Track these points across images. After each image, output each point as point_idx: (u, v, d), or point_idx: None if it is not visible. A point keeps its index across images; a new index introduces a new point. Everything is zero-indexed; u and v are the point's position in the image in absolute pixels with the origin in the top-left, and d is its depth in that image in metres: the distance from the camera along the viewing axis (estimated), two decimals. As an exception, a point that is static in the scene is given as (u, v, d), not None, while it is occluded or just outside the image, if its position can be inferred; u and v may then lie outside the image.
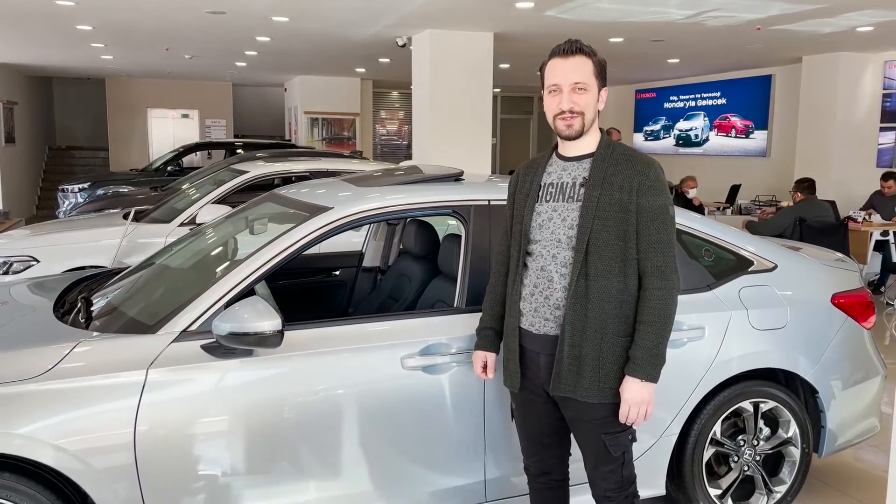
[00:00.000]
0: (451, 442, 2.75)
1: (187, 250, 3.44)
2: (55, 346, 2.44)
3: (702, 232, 3.28)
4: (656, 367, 2.24)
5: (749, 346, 3.13)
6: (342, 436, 2.61)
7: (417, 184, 3.10)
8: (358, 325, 2.77)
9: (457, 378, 2.73)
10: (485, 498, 2.84)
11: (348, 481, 2.64)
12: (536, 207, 2.36)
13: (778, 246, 3.54)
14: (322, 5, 7.11)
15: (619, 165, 2.27)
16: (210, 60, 12.31)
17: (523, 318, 2.38)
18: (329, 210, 2.80)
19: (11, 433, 2.24)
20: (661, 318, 2.24)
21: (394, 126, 18.17)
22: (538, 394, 2.41)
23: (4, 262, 5.38)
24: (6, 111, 13.18)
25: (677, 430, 3.06)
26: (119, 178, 11.59)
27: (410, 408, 2.69)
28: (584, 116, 2.26)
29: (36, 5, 7.28)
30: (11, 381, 2.30)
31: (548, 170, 2.38)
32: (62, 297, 3.13)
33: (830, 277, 3.47)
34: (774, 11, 7.15)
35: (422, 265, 3.57)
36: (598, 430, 2.32)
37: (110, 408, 2.35)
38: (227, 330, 2.39)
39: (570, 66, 2.26)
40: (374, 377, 2.66)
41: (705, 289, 3.17)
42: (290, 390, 2.55)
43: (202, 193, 6.29)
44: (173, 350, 2.46)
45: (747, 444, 3.21)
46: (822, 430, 3.35)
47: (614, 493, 2.37)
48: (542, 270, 2.32)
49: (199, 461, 2.45)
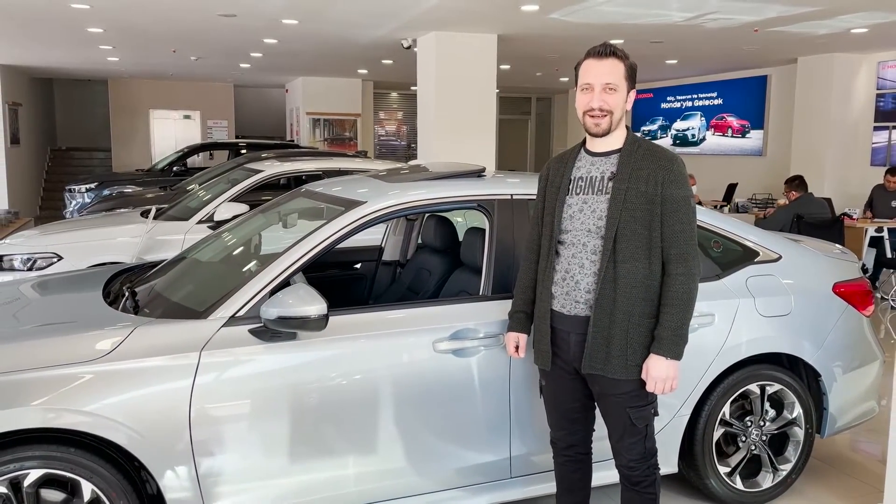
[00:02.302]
0: (479, 421, 2.93)
1: (222, 243, 3.62)
2: (115, 329, 2.62)
3: (711, 224, 3.47)
4: (680, 346, 2.43)
5: (756, 332, 3.32)
6: (378, 414, 2.79)
7: (443, 179, 3.28)
8: (393, 311, 2.96)
9: (484, 361, 2.91)
10: (510, 474, 3.02)
11: (383, 457, 2.82)
12: (567, 200, 2.54)
13: (782, 238, 3.74)
14: (333, 9, 7.29)
15: (645, 161, 2.45)
16: (215, 62, 12.47)
17: (555, 300, 2.56)
18: (363, 203, 2.98)
19: (80, 410, 2.41)
20: (684, 300, 2.43)
21: (392, 126, 18.36)
22: (568, 371, 2.59)
23: (28, 259, 5.55)
24: (11, 112, 13.31)
25: (689, 412, 3.25)
26: (125, 179, 11.73)
27: (441, 388, 2.87)
28: (612, 115, 2.45)
29: (51, 8, 7.43)
30: (78, 361, 2.47)
31: (577, 164, 2.57)
32: (106, 286, 3.30)
33: (831, 267, 3.66)
34: (772, 14, 7.36)
35: (441, 258, 3.75)
36: (624, 404, 2.50)
37: (167, 387, 2.53)
38: (276, 314, 2.56)
39: (603, 67, 2.45)
40: (408, 360, 2.84)
41: (714, 278, 3.36)
42: (331, 371, 2.73)
43: (217, 192, 6.45)
44: (223, 334, 2.63)
45: (754, 425, 3.40)
46: (824, 412, 3.54)
47: (637, 463, 2.56)
48: (574, 257, 2.51)
49: (247, 437, 2.63)
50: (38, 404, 2.39)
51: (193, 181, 8.59)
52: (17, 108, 13.80)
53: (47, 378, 2.43)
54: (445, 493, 2.94)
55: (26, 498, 2.43)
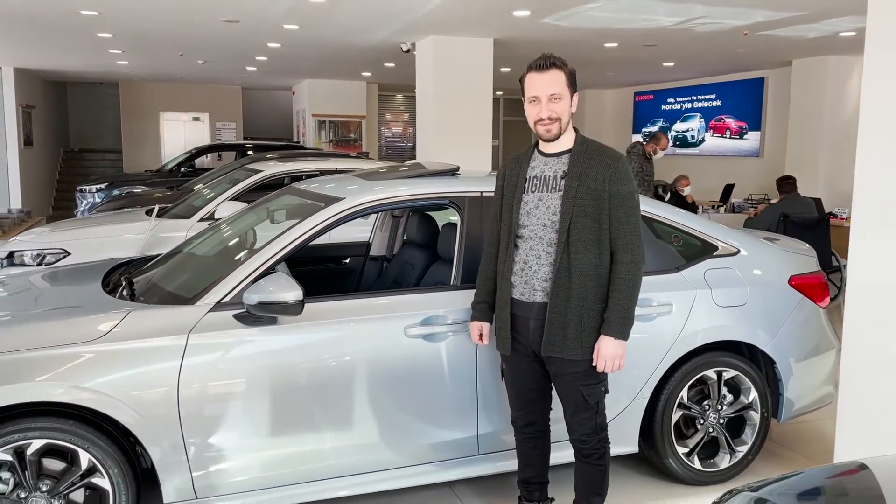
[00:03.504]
0: (448, 401, 3.17)
1: (214, 238, 3.87)
2: (110, 313, 2.87)
3: (671, 220, 3.69)
4: (627, 327, 2.66)
5: (712, 321, 3.53)
6: (353, 394, 3.03)
7: (418, 178, 3.52)
8: (367, 299, 3.20)
9: (453, 345, 3.15)
10: (477, 451, 3.26)
11: (359, 433, 3.06)
12: (524, 197, 2.77)
13: (741, 233, 3.95)
14: (332, 14, 7.54)
15: (593, 160, 2.68)
16: (222, 65, 12.76)
17: (514, 289, 2.79)
18: (341, 200, 3.22)
19: (79, 386, 2.66)
20: (630, 286, 2.66)
21: (398, 128, 18.62)
22: (527, 355, 2.82)
23: (38, 255, 5.83)
24: (24, 115, 13.65)
25: (648, 395, 3.47)
26: (134, 179, 12.04)
27: (412, 371, 3.10)
28: (561, 121, 2.68)
29: (62, 15, 7.73)
30: (77, 342, 2.73)
31: (531, 164, 2.80)
32: (106, 278, 3.56)
33: (788, 262, 3.87)
34: (759, 18, 7.55)
35: (424, 253, 3.98)
36: (577, 382, 2.73)
37: (158, 366, 2.78)
38: (257, 300, 2.81)
39: (546, 79, 2.68)
40: (381, 344, 3.07)
41: (674, 270, 3.58)
42: (308, 354, 2.97)
43: (219, 191, 6.72)
44: (209, 318, 2.88)
45: (712, 409, 3.61)
46: (780, 398, 3.75)
47: (588, 437, 2.79)
48: (531, 250, 2.74)
49: (230, 413, 2.87)
50: (41, 380, 2.64)
51: (199, 181, 8.86)
52: (31, 110, 14.15)
53: (50, 356, 2.69)
54: (418, 467, 3.18)
55: (29, 465, 2.68)
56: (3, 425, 2.64)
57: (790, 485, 2.00)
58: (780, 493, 1.92)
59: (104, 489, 2.77)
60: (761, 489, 1.92)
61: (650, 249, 3.54)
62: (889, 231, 2.98)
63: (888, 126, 2.99)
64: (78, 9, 7.40)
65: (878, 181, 3.02)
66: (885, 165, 3.00)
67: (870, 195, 3.06)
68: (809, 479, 2.03)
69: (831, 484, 2.01)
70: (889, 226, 2.98)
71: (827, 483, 2.02)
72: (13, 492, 2.70)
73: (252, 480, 2.94)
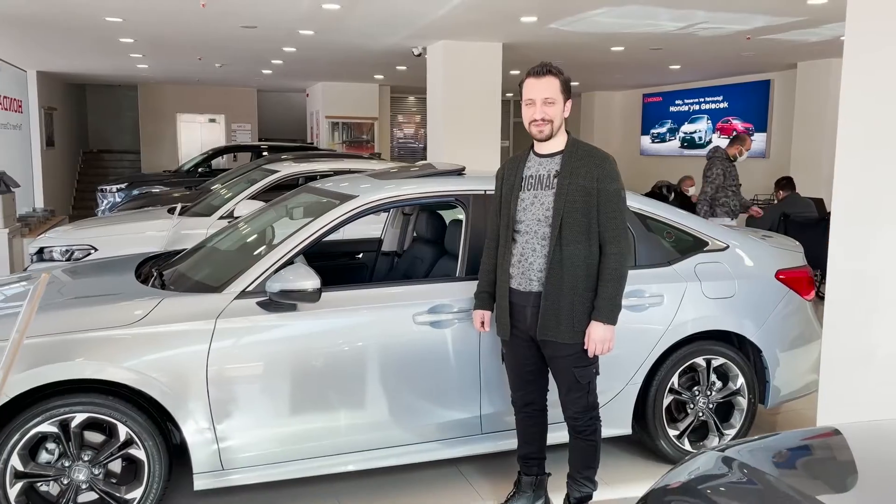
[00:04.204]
0: (453, 383, 3.43)
1: (237, 233, 4.15)
2: (146, 300, 3.15)
3: (665, 217, 3.94)
4: (615, 313, 2.92)
5: (701, 312, 3.77)
6: (365, 376, 3.29)
7: (426, 177, 3.78)
8: (379, 289, 3.48)
9: (458, 332, 3.40)
10: (480, 430, 3.51)
11: (370, 412, 3.32)
12: (520, 195, 3.03)
13: (731, 230, 4.20)
14: (346, 20, 7.82)
15: (583, 160, 2.94)
16: (238, 68, 13.08)
17: (513, 279, 3.05)
18: (355, 197, 3.49)
19: (119, 365, 2.94)
20: (617, 275, 2.91)
21: (411, 129, 18.90)
22: (524, 339, 3.08)
23: (66, 251, 6.13)
24: (47, 117, 14.02)
25: (640, 380, 3.71)
26: (153, 179, 12.37)
27: (420, 355, 3.37)
28: (553, 123, 2.94)
29: (87, 21, 8.05)
30: (117, 325, 3.01)
31: (527, 165, 3.06)
32: (137, 269, 3.84)
33: (775, 257, 4.10)
34: (759, 23, 7.77)
35: (432, 248, 4.24)
36: (570, 364, 2.99)
37: (189, 349, 3.06)
38: (278, 288, 3.08)
39: (541, 84, 2.94)
40: (391, 330, 3.34)
41: (665, 264, 3.82)
42: (324, 338, 3.25)
43: (237, 191, 7.01)
44: (235, 305, 3.15)
45: (701, 394, 3.85)
46: (766, 384, 3.99)
47: (580, 415, 3.05)
48: (527, 243, 3.00)
49: (253, 391, 3.15)
50: (84, 359, 2.93)
51: (217, 181, 9.17)
52: (53, 112, 14.53)
53: (93, 338, 2.97)
54: (425, 444, 3.44)
55: (73, 437, 2.97)
56: (49, 400, 2.93)
57: (761, 445, 2.20)
58: (748, 451, 2.11)
59: (140, 460, 3.05)
60: (729, 448, 2.13)
61: (644, 244, 3.79)
62: (866, 227, 3.18)
63: (865, 120, 3.19)
64: (103, 16, 7.72)
65: (856, 177, 3.24)
66: (862, 164, 3.22)
67: (848, 192, 3.27)
68: (782, 440, 2.25)
69: (803, 445, 2.20)
70: (867, 222, 3.18)
71: (798, 445, 2.21)
72: (58, 461, 2.99)
73: (272, 454, 3.21)
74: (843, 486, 1.84)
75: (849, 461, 2.08)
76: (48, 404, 2.93)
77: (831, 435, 2.25)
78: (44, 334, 2.93)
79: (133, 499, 3.05)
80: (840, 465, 2.04)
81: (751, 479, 1.82)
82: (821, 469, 1.99)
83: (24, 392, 2.87)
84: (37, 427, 2.91)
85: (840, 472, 1.96)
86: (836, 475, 1.93)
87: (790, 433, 2.32)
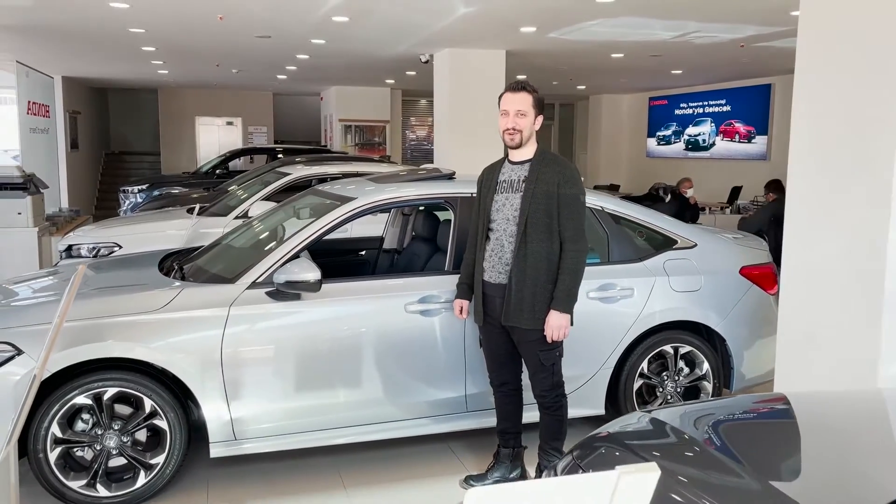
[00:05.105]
0: (441, 366, 3.83)
1: (248, 232, 4.58)
2: (168, 289, 3.58)
3: (637, 218, 4.33)
4: (570, 303, 3.30)
5: (669, 304, 4.15)
6: (362, 358, 3.70)
7: (421, 181, 4.19)
8: (374, 281, 3.90)
9: (445, 320, 3.81)
10: (466, 408, 3.91)
11: (366, 391, 3.73)
12: (495, 197, 3.43)
13: (700, 230, 4.58)
14: (354, 30, 8.25)
15: (548, 167, 3.33)
16: (254, 74, 13.57)
17: (485, 272, 3.45)
18: (354, 199, 3.90)
19: (147, 346, 3.38)
20: (575, 270, 3.30)
21: (423, 131, 19.31)
22: (496, 326, 3.47)
23: (93, 248, 6.60)
24: (71, 120, 14.58)
25: (612, 365, 4.10)
26: (173, 181, 12.88)
27: (411, 340, 3.77)
28: (523, 133, 3.33)
29: (112, 31, 8.54)
30: (144, 311, 3.44)
31: (502, 171, 3.46)
32: (160, 264, 4.28)
33: (740, 254, 4.47)
34: (750, 32, 8.11)
35: (428, 246, 4.64)
36: (535, 348, 3.38)
37: (205, 332, 3.48)
38: (284, 279, 3.50)
39: (516, 98, 3.34)
40: (385, 318, 3.75)
41: (637, 260, 4.21)
42: (325, 324, 3.66)
43: (252, 192, 7.46)
44: (247, 294, 3.57)
45: (669, 378, 4.23)
46: (731, 370, 4.36)
47: (547, 392, 3.44)
48: (498, 240, 3.40)
49: (262, 371, 3.57)
50: (115, 341, 3.36)
51: (233, 182, 9.63)
52: (77, 116, 15.09)
53: (123, 322, 3.40)
54: (415, 420, 3.84)
55: (105, 408, 3.40)
56: (85, 376, 3.37)
57: (698, 409, 2.53)
58: (679, 415, 2.45)
59: (163, 429, 3.48)
60: (661, 412, 2.51)
61: (617, 242, 4.18)
62: (812, 225, 3.52)
63: (811, 130, 3.55)
64: (127, 27, 8.20)
65: (804, 181, 3.60)
66: (805, 170, 3.58)
67: (798, 194, 3.63)
68: (726, 406, 2.57)
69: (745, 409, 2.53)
70: (812, 220, 3.52)
71: (718, 410, 2.56)
72: (92, 429, 3.43)
73: (279, 426, 3.63)
74: (753, 446, 2.18)
75: (763, 425, 2.45)
76: (84, 380, 3.36)
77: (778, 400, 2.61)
78: (80, 319, 3.36)
79: (157, 463, 3.48)
80: (753, 427, 2.42)
81: (666, 433, 2.21)
82: (733, 429, 2.37)
83: (64, 368, 3.30)
84: (74, 399, 3.35)
85: (753, 434, 2.32)
86: (747, 436, 2.29)
87: (742, 397, 2.67)
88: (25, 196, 7.62)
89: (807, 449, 2.13)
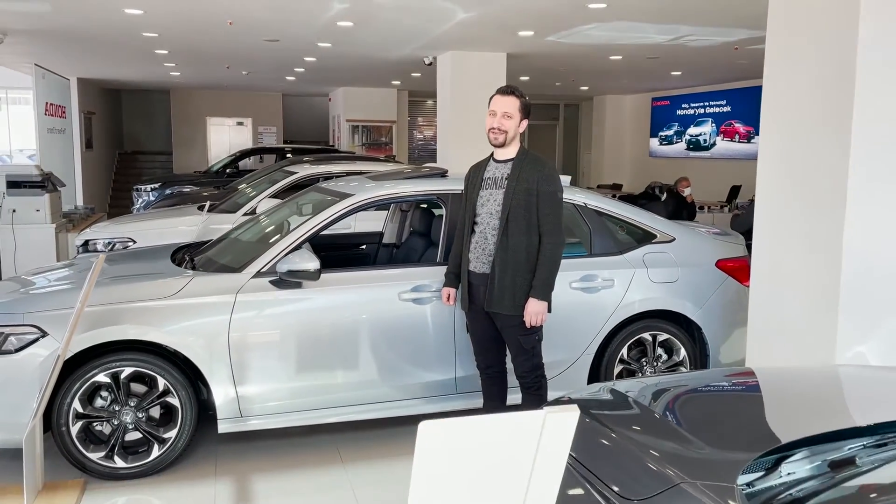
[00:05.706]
0: (432, 350, 4.12)
1: (254, 227, 4.89)
2: (180, 278, 3.89)
3: (619, 214, 4.60)
4: (547, 292, 3.58)
5: (647, 294, 4.43)
6: (358, 342, 4.00)
7: (414, 178, 4.49)
8: (371, 271, 4.21)
9: (436, 308, 4.10)
10: (455, 390, 4.20)
11: (362, 373, 4.03)
12: (480, 193, 3.71)
13: (680, 225, 4.85)
14: (359, 34, 8.55)
15: (529, 166, 3.61)
16: (264, 75, 13.91)
17: (470, 263, 3.74)
18: (351, 196, 4.20)
19: (161, 329, 3.69)
20: (551, 261, 3.58)
21: (430, 132, 19.58)
22: (480, 313, 3.76)
23: (109, 243, 6.93)
24: (86, 120, 14.97)
25: (594, 351, 4.37)
26: (184, 179, 13.24)
27: (404, 326, 4.06)
28: (507, 134, 3.61)
29: (126, 35, 8.88)
30: (158, 298, 3.75)
31: (487, 168, 3.74)
32: (173, 256, 4.59)
33: (717, 248, 4.75)
34: (742, 35, 8.35)
35: (423, 240, 4.93)
36: (516, 333, 3.66)
37: (214, 318, 3.79)
38: (286, 269, 3.80)
39: (504, 101, 3.62)
40: (380, 306, 4.04)
41: (617, 253, 4.48)
42: (324, 311, 3.96)
43: (260, 190, 7.78)
44: (252, 283, 3.88)
45: (648, 364, 4.51)
46: (707, 357, 4.63)
47: (527, 373, 3.72)
48: (482, 233, 3.68)
49: (265, 353, 3.87)
50: (132, 324, 3.67)
51: (242, 181, 9.96)
52: (91, 116, 15.47)
53: (139, 307, 3.71)
54: (408, 401, 4.13)
55: (122, 386, 3.71)
56: (104, 356, 3.68)
57: (666, 382, 2.78)
58: (642, 388, 2.70)
59: (175, 406, 3.79)
60: (621, 383, 2.77)
61: (598, 236, 4.46)
62: (780, 231, 3.77)
63: (780, 134, 3.80)
64: (140, 31, 8.53)
65: (772, 183, 3.86)
66: (777, 169, 3.83)
67: (768, 194, 3.89)
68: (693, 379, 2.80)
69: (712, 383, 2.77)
70: (780, 227, 3.77)
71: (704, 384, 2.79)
72: (110, 405, 3.74)
73: (280, 405, 3.93)
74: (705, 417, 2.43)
75: (716, 398, 2.72)
76: (103, 360, 3.67)
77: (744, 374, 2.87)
78: (100, 304, 3.67)
79: (169, 438, 3.79)
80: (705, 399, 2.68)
81: (626, 404, 2.49)
82: (685, 400, 2.64)
83: (84, 349, 3.62)
84: (94, 377, 3.66)
85: (704, 406, 2.58)
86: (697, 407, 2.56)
87: (703, 373, 2.93)
88: (44, 194, 7.97)
89: (737, 411, 2.41)
